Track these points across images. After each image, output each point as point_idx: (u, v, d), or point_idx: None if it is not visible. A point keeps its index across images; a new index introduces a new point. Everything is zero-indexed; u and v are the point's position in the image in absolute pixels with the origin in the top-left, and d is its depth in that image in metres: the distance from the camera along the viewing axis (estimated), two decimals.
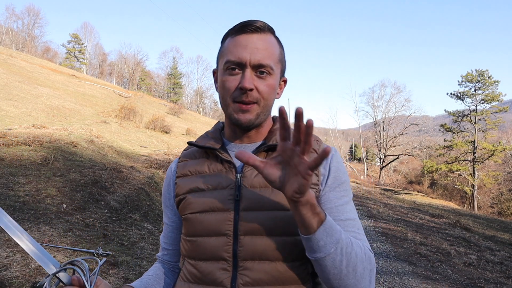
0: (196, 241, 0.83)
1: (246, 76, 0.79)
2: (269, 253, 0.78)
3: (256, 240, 0.78)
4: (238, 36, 0.82)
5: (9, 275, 2.82)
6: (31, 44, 54.15)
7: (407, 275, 4.44)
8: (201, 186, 0.85)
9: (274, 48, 0.84)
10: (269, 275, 0.77)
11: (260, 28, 0.82)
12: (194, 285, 0.83)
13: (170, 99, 60.27)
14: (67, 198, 4.78)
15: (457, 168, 27.53)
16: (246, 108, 0.81)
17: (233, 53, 0.80)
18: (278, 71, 0.85)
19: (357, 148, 63.11)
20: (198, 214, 0.83)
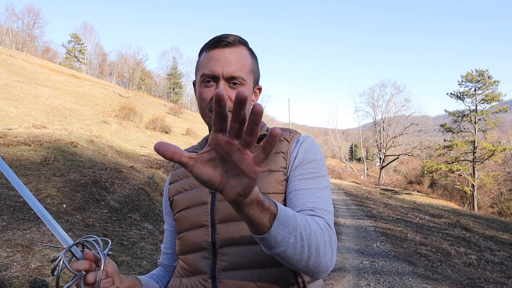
0: (183, 237, 0.90)
1: (219, 87, 0.84)
2: (244, 238, 0.81)
3: (230, 226, 0.83)
4: (212, 51, 0.88)
5: (9, 275, 2.82)
6: (31, 44, 54.15)
7: (407, 275, 4.44)
8: (185, 187, 0.94)
9: (245, 60, 0.89)
10: (246, 259, 0.80)
11: (231, 43, 0.88)
12: (184, 278, 0.89)
13: (170, 99, 60.27)
14: (67, 198, 4.78)
15: (457, 168, 27.54)
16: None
17: (207, 67, 0.87)
18: (251, 81, 0.91)
19: (357, 148, 63.14)
20: (183, 211, 0.91)
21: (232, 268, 0.81)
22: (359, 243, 6.04)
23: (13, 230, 3.62)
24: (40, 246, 3.43)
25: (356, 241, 6.17)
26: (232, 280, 0.81)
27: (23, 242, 3.43)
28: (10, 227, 3.67)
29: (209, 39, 0.91)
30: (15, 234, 3.56)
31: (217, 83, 0.86)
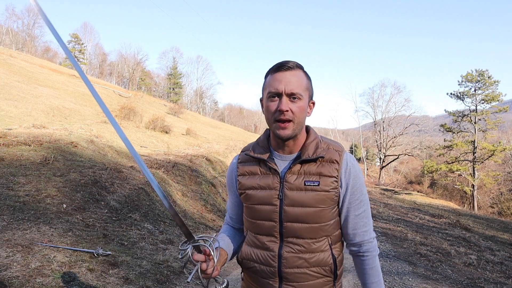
0: (255, 223, 1.25)
1: (282, 101, 1.14)
2: (304, 233, 1.20)
3: (294, 225, 1.19)
4: (276, 74, 1.17)
5: (9, 275, 2.82)
6: (31, 44, 54.12)
7: (407, 275, 4.44)
8: (256, 185, 1.23)
9: (302, 80, 1.18)
10: (303, 247, 1.20)
11: (291, 67, 1.17)
12: (255, 249, 1.26)
13: (170, 99, 60.22)
14: (67, 198, 4.78)
15: (457, 168, 27.52)
16: (284, 126, 1.15)
17: (272, 86, 1.16)
18: (307, 96, 1.19)
19: (357, 148, 63.09)
20: (256, 206, 1.23)
21: (294, 252, 1.20)
22: None
23: (13, 230, 3.62)
24: (40, 246, 3.43)
25: None
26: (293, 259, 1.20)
27: (23, 242, 3.43)
28: (10, 227, 3.67)
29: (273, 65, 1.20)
30: (15, 234, 3.56)
31: (281, 98, 1.14)
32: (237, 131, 43.65)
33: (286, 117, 1.13)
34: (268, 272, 1.22)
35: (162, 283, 3.44)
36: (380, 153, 40.28)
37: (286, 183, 1.18)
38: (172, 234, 5.13)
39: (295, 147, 1.22)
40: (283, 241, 1.20)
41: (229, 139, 24.57)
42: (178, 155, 11.36)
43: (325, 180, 1.17)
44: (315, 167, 1.18)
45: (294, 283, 1.21)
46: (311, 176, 1.18)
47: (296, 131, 1.17)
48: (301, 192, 1.17)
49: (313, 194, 1.16)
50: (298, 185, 1.17)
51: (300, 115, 1.16)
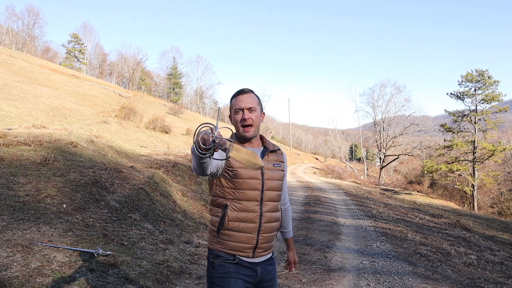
0: (244, 192, 1.69)
1: (245, 113, 1.73)
2: (274, 198, 1.78)
3: (270, 192, 1.76)
4: (238, 97, 1.77)
5: (9, 275, 2.82)
6: (31, 44, 54.08)
7: (407, 275, 4.44)
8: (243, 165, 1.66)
9: (255, 99, 1.78)
10: (273, 207, 1.78)
11: (246, 92, 1.78)
12: (241, 212, 1.69)
13: (170, 99, 60.18)
14: (67, 198, 4.78)
15: (457, 168, 27.51)
16: (247, 130, 1.75)
17: (237, 105, 1.75)
18: (259, 109, 1.80)
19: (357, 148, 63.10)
20: (246, 179, 1.69)
21: (269, 211, 1.75)
22: (359, 243, 6.04)
23: (13, 230, 3.62)
24: (40, 246, 3.43)
25: (356, 241, 6.16)
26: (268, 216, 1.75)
27: (23, 242, 3.43)
28: (10, 227, 3.67)
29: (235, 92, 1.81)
30: (15, 234, 3.56)
31: (243, 111, 1.73)
32: None
33: (248, 123, 1.72)
34: (252, 228, 1.70)
35: (162, 283, 3.44)
36: (380, 153, 40.26)
37: (264, 162, 1.73)
38: (172, 234, 5.13)
39: (256, 143, 1.82)
40: (262, 204, 1.72)
41: None
42: (178, 155, 11.36)
43: (282, 164, 1.85)
44: (275, 156, 1.84)
45: (265, 234, 1.74)
46: (275, 161, 1.82)
47: (256, 132, 1.77)
48: (273, 171, 1.78)
49: (278, 172, 1.81)
50: (270, 166, 1.78)
51: (256, 121, 1.76)
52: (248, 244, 1.70)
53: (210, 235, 1.78)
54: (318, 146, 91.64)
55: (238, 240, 1.69)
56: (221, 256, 1.71)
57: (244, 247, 1.70)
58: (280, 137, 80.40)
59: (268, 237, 1.75)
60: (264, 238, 1.73)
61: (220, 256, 1.71)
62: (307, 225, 7.23)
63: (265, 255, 1.78)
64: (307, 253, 5.18)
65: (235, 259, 1.70)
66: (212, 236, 1.75)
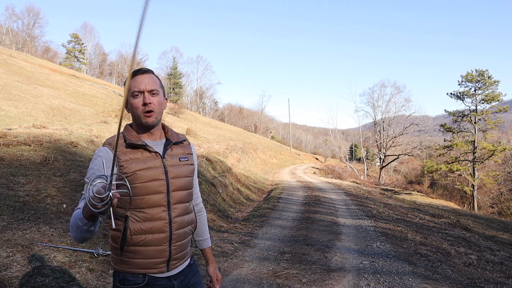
0: (144, 198, 1.39)
1: (146, 96, 1.42)
2: (183, 199, 1.52)
3: (178, 193, 1.49)
4: (136, 77, 1.44)
5: (9, 275, 2.82)
6: (31, 44, 54.07)
7: (407, 275, 4.44)
8: (143, 167, 1.40)
9: (157, 81, 1.48)
10: (184, 210, 1.51)
11: (147, 71, 1.47)
12: (145, 222, 1.40)
13: (170, 99, 60.17)
14: (67, 198, 4.78)
15: (457, 168, 27.51)
16: (149, 115, 1.43)
17: (135, 86, 1.42)
18: (162, 93, 1.49)
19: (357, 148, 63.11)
20: (145, 183, 1.39)
21: (179, 215, 1.48)
22: (359, 243, 6.04)
23: (13, 230, 3.62)
24: (40, 246, 3.43)
25: (356, 241, 6.16)
26: (179, 221, 1.48)
27: (23, 242, 3.43)
28: (10, 227, 3.67)
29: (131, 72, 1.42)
30: (15, 234, 3.56)
31: (143, 94, 1.42)
32: (237, 131, 43.66)
33: (150, 108, 1.41)
34: (161, 238, 1.43)
35: None
36: (380, 153, 40.26)
37: (167, 161, 1.47)
38: None
39: (158, 134, 1.52)
40: (170, 208, 1.45)
41: (229, 139, 24.58)
42: None
43: (190, 157, 1.57)
44: (181, 148, 1.55)
45: (178, 242, 1.48)
46: (182, 154, 1.54)
47: (158, 119, 1.47)
48: (179, 166, 1.50)
49: (186, 167, 1.53)
50: (175, 162, 1.49)
51: (159, 106, 1.46)
52: (160, 258, 1.42)
53: (112, 253, 1.47)
54: (318, 146, 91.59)
55: (147, 255, 1.40)
56: (128, 279, 1.41)
57: (155, 262, 1.42)
58: (280, 137, 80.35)
59: (182, 245, 1.49)
60: (177, 247, 1.47)
61: (127, 280, 1.41)
62: (307, 225, 7.23)
63: (182, 264, 1.53)
64: (307, 253, 5.18)
65: (145, 279, 1.41)
66: (115, 255, 1.44)
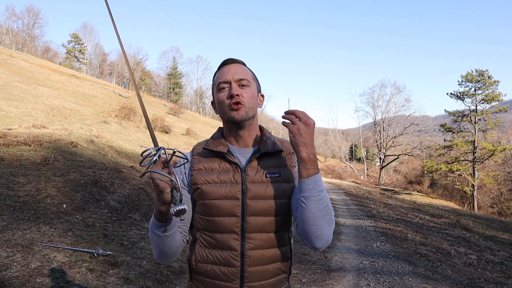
0: (213, 220, 1.15)
1: (233, 87, 1.16)
2: (266, 227, 1.15)
3: (257, 219, 1.14)
4: (222, 68, 1.21)
5: (9, 275, 2.82)
6: (31, 44, 54.09)
7: (407, 275, 4.44)
8: (215, 180, 1.17)
9: (247, 71, 1.23)
10: (265, 242, 1.15)
11: (235, 61, 1.22)
12: (212, 250, 1.16)
13: (170, 99, 60.21)
14: (67, 198, 4.78)
15: (457, 168, 27.51)
16: (236, 107, 1.15)
17: (221, 78, 1.19)
18: (255, 85, 1.23)
19: (357, 148, 63.10)
20: (215, 201, 1.15)
21: (256, 248, 1.14)
22: (359, 243, 6.04)
23: (13, 230, 3.62)
24: (40, 246, 3.43)
25: (356, 241, 6.16)
26: (256, 256, 1.14)
27: (23, 242, 3.43)
28: (10, 227, 3.67)
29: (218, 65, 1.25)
30: (15, 234, 3.56)
31: (230, 85, 1.17)
32: None
33: (237, 100, 1.14)
34: (230, 273, 1.14)
35: (162, 283, 3.44)
36: (380, 153, 40.27)
37: (247, 176, 1.16)
38: None
39: (250, 139, 1.22)
40: (245, 237, 1.13)
41: None
42: None
43: (286, 171, 1.19)
44: (274, 160, 1.20)
45: (254, 283, 1.14)
46: (271, 168, 1.18)
47: (249, 114, 1.16)
48: (263, 184, 1.15)
49: (275, 186, 1.16)
50: (259, 178, 1.16)
51: (250, 100, 1.17)
52: None
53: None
54: (318, 146, 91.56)
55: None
56: None
57: None
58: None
59: (262, 286, 1.16)
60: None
61: None
62: None
63: None
64: (307, 253, 5.18)
65: None
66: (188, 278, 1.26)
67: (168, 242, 1.11)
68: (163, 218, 1.06)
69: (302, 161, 1.05)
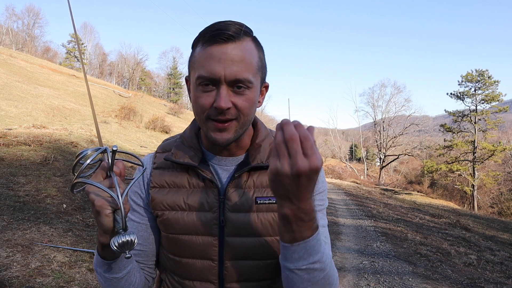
0: (181, 262, 0.82)
1: (221, 94, 0.71)
2: (254, 275, 0.80)
3: (241, 264, 0.79)
4: (210, 47, 0.72)
5: (9, 275, 2.82)
6: (31, 44, 54.13)
7: (407, 275, 4.44)
8: (181, 205, 0.81)
9: (252, 56, 0.75)
10: None
11: (234, 36, 0.72)
12: None
13: (170, 99, 60.25)
14: (67, 198, 4.78)
15: (457, 168, 27.53)
16: (223, 127, 0.74)
17: (205, 67, 0.72)
18: (258, 81, 0.78)
19: (357, 148, 63.10)
20: (181, 236, 0.81)
21: None
22: (359, 243, 6.04)
23: (13, 230, 3.62)
24: (40, 246, 3.43)
25: (356, 241, 6.17)
26: None
27: (23, 242, 3.43)
28: (10, 227, 3.67)
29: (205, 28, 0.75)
30: (15, 234, 3.56)
31: (218, 87, 0.72)
32: None
33: (227, 117, 0.73)
34: None
35: None
36: (380, 153, 40.28)
37: (228, 201, 0.79)
38: None
39: (237, 149, 0.83)
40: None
41: None
42: None
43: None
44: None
45: None
46: (265, 189, 0.80)
47: (240, 132, 0.78)
48: (252, 214, 0.79)
49: (268, 217, 0.79)
50: (246, 204, 0.79)
51: (248, 111, 0.76)
52: None
53: None
54: (318, 146, 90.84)
55: None
56: None
57: None
58: None
59: None
60: None
61: None
62: None
63: None
64: None
65: None
66: None
67: (121, 286, 0.78)
68: (107, 254, 0.72)
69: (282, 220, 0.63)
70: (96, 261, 0.76)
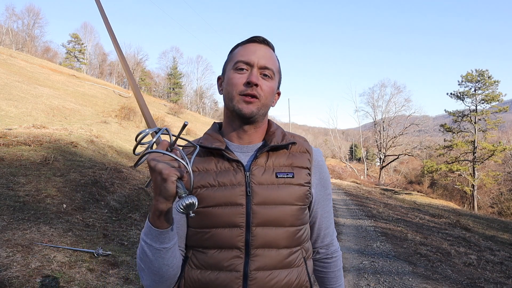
0: (210, 232, 0.91)
1: (253, 73, 0.93)
2: (278, 242, 0.92)
3: (267, 230, 0.91)
4: (248, 44, 0.97)
5: (9, 275, 2.82)
6: (31, 44, 54.09)
7: (407, 275, 4.44)
8: (212, 182, 0.93)
9: (275, 60, 1.00)
10: (275, 260, 0.92)
11: (266, 42, 0.98)
12: (205, 271, 0.92)
13: (170, 99, 60.23)
14: (67, 198, 4.78)
15: (457, 168, 27.52)
16: (249, 100, 0.92)
17: (243, 56, 0.95)
18: (277, 79, 1.00)
19: (357, 148, 63.08)
20: (211, 208, 0.91)
21: (264, 268, 0.91)
22: (359, 243, 6.04)
23: (13, 230, 3.62)
24: (40, 246, 3.43)
25: (356, 241, 6.17)
26: (263, 278, 0.90)
27: (23, 242, 3.43)
28: (10, 227, 3.67)
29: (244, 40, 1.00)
30: (15, 234, 3.56)
31: (251, 69, 0.93)
32: None
33: (254, 92, 0.91)
34: None
35: None
36: (380, 153, 40.28)
37: (253, 176, 0.93)
38: None
39: (256, 135, 1.00)
40: (249, 254, 0.90)
41: None
42: None
43: (299, 172, 0.96)
44: (285, 158, 0.97)
45: None
46: (282, 168, 0.96)
47: (261, 111, 0.94)
48: (273, 186, 0.92)
49: (288, 189, 0.93)
50: (268, 179, 0.93)
51: (268, 96, 0.95)
52: None
53: None
54: (318, 146, 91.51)
55: None
56: None
57: None
58: None
59: None
60: None
61: None
62: None
63: None
64: None
65: None
66: None
67: (168, 258, 0.85)
68: (163, 222, 0.80)
69: None
70: (147, 232, 0.83)
